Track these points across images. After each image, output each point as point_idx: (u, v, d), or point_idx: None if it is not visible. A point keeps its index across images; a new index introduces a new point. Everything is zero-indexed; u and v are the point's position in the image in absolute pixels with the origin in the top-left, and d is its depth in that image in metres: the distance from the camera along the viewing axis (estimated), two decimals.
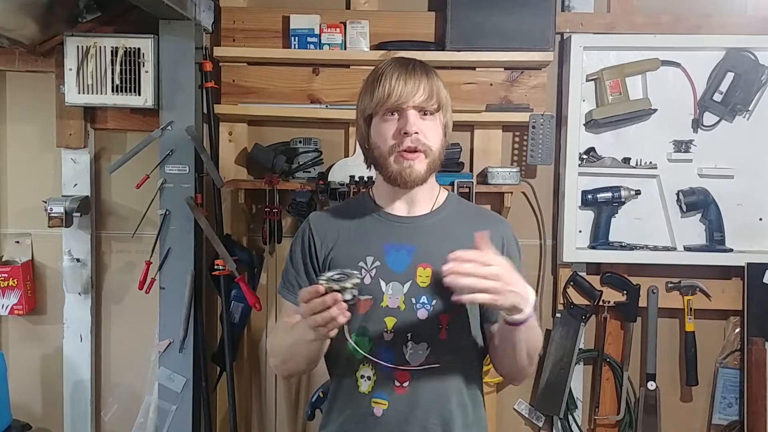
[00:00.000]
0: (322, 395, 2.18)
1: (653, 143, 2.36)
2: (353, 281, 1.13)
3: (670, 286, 2.36)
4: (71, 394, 2.43)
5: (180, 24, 2.22)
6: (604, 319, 2.38)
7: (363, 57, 2.30)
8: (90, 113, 2.39)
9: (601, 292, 2.36)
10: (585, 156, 2.36)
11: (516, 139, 2.41)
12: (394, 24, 2.34)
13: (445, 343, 1.30)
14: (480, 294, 1.10)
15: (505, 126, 2.37)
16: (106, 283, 2.47)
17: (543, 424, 2.44)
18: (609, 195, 2.33)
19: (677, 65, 2.34)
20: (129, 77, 2.23)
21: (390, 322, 1.30)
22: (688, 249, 2.35)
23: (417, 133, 1.28)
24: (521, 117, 2.28)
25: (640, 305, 2.35)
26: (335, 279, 1.12)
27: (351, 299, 1.13)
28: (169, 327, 2.27)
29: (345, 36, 2.30)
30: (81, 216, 2.34)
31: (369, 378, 1.31)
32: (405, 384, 1.29)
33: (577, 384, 2.41)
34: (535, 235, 2.42)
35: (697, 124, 2.36)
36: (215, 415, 2.41)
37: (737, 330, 2.39)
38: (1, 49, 2.29)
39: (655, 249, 2.35)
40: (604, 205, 2.34)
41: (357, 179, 2.21)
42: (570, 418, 2.39)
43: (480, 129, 2.37)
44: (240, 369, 2.41)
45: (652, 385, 2.37)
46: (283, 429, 2.46)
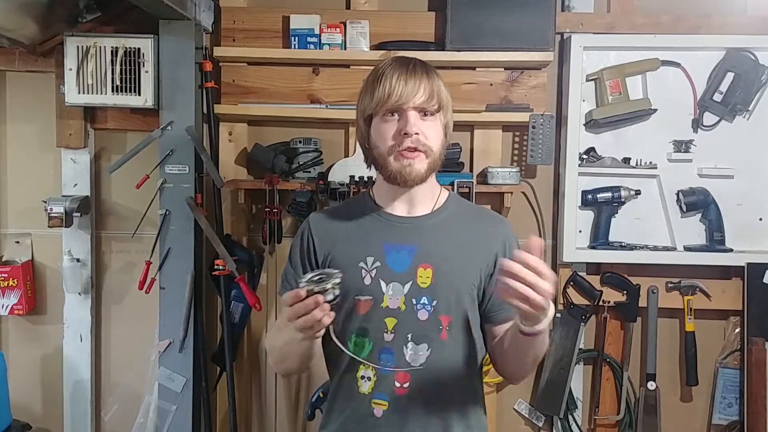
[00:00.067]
0: (322, 395, 2.18)
1: (653, 143, 2.36)
2: (334, 281, 1.12)
3: (670, 286, 2.36)
4: (71, 394, 2.43)
5: (180, 24, 2.22)
6: (604, 319, 2.38)
7: (363, 57, 2.30)
8: (90, 113, 2.39)
9: (601, 292, 2.36)
10: (585, 156, 2.36)
11: (516, 139, 2.41)
12: (394, 24, 2.34)
13: (446, 344, 1.30)
14: (524, 304, 1.07)
15: (505, 126, 2.37)
16: (106, 283, 2.47)
17: (543, 424, 2.44)
18: (609, 195, 2.33)
19: (677, 65, 2.34)
20: (129, 77, 2.23)
21: (390, 322, 1.29)
22: (688, 249, 2.35)
23: (417, 134, 1.27)
24: (521, 117, 2.28)
25: (640, 305, 2.35)
26: (315, 280, 1.11)
27: (333, 299, 1.12)
28: (169, 327, 2.27)
29: (345, 36, 2.30)
30: (81, 216, 2.34)
31: (369, 378, 1.30)
32: (405, 385, 1.29)
33: (577, 384, 2.41)
34: (535, 236, 2.41)
35: (697, 124, 2.36)
36: (215, 415, 2.41)
37: (737, 330, 2.39)
38: (1, 49, 2.29)
39: (655, 249, 2.35)
40: (604, 205, 2.34)
41: (357, 179, 2.21)
42: (570, 418, 2.39)
43: (480, 129, 2.37)
44: (240, 369, 2.41)
45: (652, 385, 2.37)
46: (283, 429, 2.46)
